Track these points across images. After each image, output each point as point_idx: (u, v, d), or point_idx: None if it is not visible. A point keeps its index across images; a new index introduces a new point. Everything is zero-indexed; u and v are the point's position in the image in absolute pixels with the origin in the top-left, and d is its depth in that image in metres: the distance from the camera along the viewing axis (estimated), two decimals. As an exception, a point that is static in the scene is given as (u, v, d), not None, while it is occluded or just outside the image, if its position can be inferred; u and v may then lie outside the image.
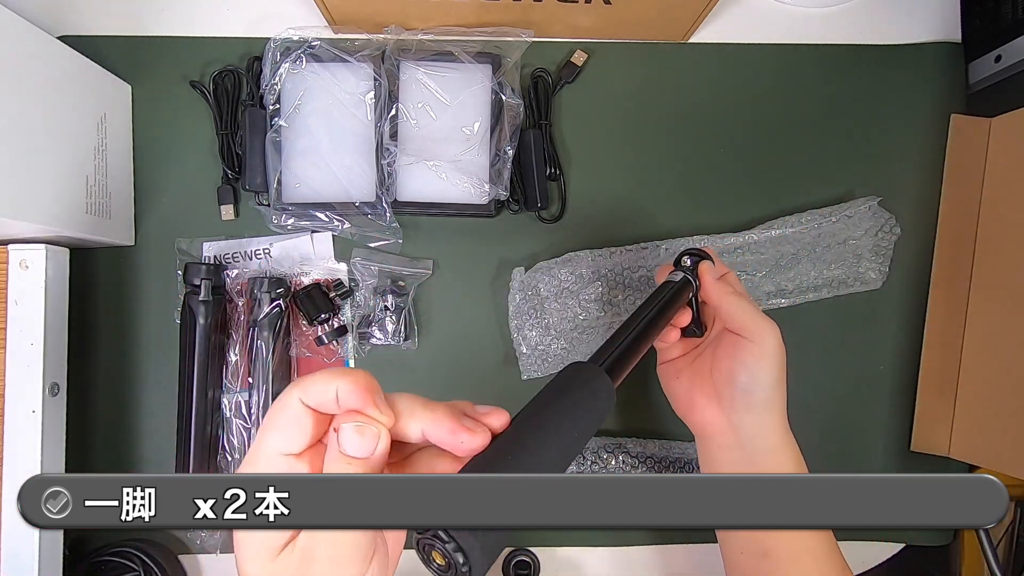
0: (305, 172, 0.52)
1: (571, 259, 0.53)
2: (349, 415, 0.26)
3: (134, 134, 0.54)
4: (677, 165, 0.56)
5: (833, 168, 0.56)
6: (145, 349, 0.53)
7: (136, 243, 0.54)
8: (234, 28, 0.55)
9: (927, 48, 0.56)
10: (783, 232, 0.53)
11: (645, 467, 0.52)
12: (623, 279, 0.53)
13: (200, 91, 0.54)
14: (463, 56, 0.52)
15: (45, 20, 0.53)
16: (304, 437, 0.26)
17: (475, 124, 0.52)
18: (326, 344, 0.52)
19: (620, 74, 0.56)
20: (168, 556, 0.52)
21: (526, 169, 0.54)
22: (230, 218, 0.54)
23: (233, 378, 0.52)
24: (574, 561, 0.55)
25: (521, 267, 0.53)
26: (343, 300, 0.53)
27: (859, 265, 0.54)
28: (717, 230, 0.55)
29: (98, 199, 0.49)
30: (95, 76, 0.50)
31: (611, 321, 0.53)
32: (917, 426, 0.55)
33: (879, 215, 0.54)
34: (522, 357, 0.53)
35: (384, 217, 0.52)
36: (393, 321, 0.52)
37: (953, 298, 0.54)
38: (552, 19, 0.53)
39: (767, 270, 0.54)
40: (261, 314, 0.50)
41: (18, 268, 0.45)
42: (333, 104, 0.52)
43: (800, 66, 0.57)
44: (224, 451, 0.52)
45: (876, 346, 0.55)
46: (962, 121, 0.55)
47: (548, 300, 0.53)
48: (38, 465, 0.44)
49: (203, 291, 0.50)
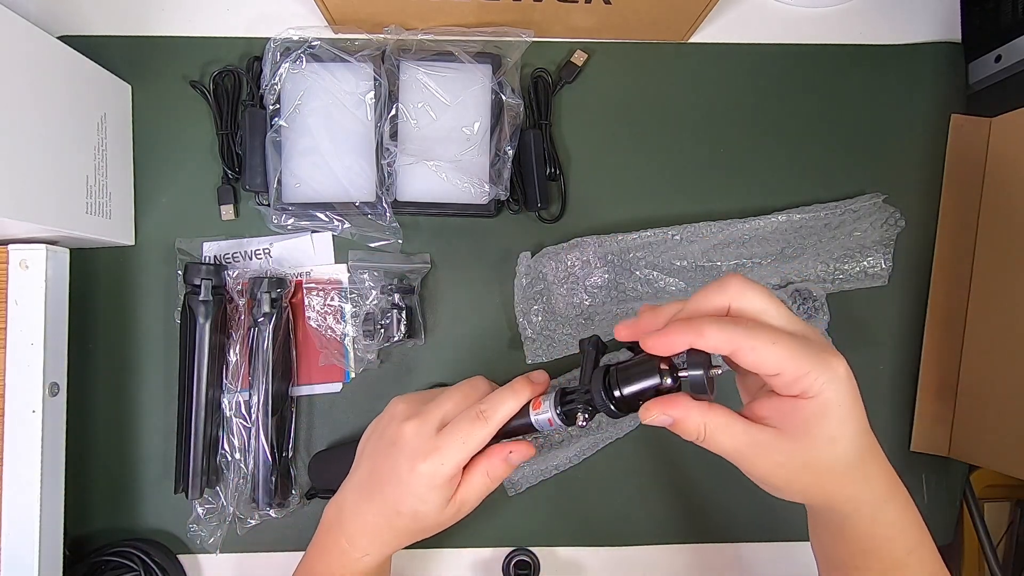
0: (305, 172, 0.52)
1: (578, 244, 0.53)
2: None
3: (134, 134, 0.54)
4: (677, 165, 0.56)
5: (833, 168, 0.56)
6: (145, 349, 0.53)
7: (136, 243, 0.54)
8: (234, 28, 0.55)
9: (927, 48, 0.56)
10: (789, 219, 0.54)
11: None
12: (630, 265, 0.53)
13: (200, 91, 0.54)
14: (463, 56, 0.52)
15: (45, 20, 0.53)
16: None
17: (475, 124, 0.52)
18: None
19: (620, 74, 0.56)
20: (168, 556, 0.52)
21: (526, 169, 0.54)
22: (230, 218, 0.54)
23: (233, 378, 0.52)
24: (574, 561, 0.55)
25: (527, 251, 0.53)
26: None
27: (864, 259, 0.54)
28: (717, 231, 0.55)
29: (98, 199, 0.49)
30: (95, 76, 0.50)
31: (616, 309, 0.53)
32: (917, 426, 0.55)
33: (883, 209, 0.54)
34: (527, 341, 0.53)
35: (384, 217, 0.52)
36: (400, 319, 0.52)
37: (953, 298, 0.54)
38: (552, 19, 0.53)
39: (772, 259, 0.54)
40: (261, 314, 0.50)
41: (18, 268, 0.45)
42: (333, 104, 0.52)
43: (800, 66, 0.57)
44: (224, 451, 0.52)
45: (876, 346, 0.55)
46: (962, 121, 0.55)
47: (554, 285, 0.53)
48: (38, 465, 0.44)
49: (203, 291, 0.50)
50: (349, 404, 0.54)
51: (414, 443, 0.41)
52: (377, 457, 0.43)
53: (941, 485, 0.55)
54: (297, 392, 0.54)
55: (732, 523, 0.55)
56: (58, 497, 0.46)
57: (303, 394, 0.54)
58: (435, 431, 0.41)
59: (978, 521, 0.55)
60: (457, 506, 0.42)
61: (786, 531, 0.55)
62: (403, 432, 0.41)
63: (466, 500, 0.42)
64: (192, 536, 0.52)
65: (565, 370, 0.54)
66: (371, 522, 0.42)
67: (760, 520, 0.55)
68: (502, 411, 0.40)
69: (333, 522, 0.44)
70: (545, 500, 0.54)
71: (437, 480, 0.40)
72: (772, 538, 0.55)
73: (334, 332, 0.53)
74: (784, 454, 0.33)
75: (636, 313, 0.54)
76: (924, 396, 0.54)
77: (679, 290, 0.53)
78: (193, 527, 0.52)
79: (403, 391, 0.54)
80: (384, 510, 0.42)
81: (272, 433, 0.50)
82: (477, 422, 0.40)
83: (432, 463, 0.40)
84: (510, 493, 0.53)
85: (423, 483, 0.40)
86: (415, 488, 0.40)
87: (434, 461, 0.40)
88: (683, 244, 0.54)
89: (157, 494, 0.53)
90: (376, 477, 0.42)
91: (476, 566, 0.54)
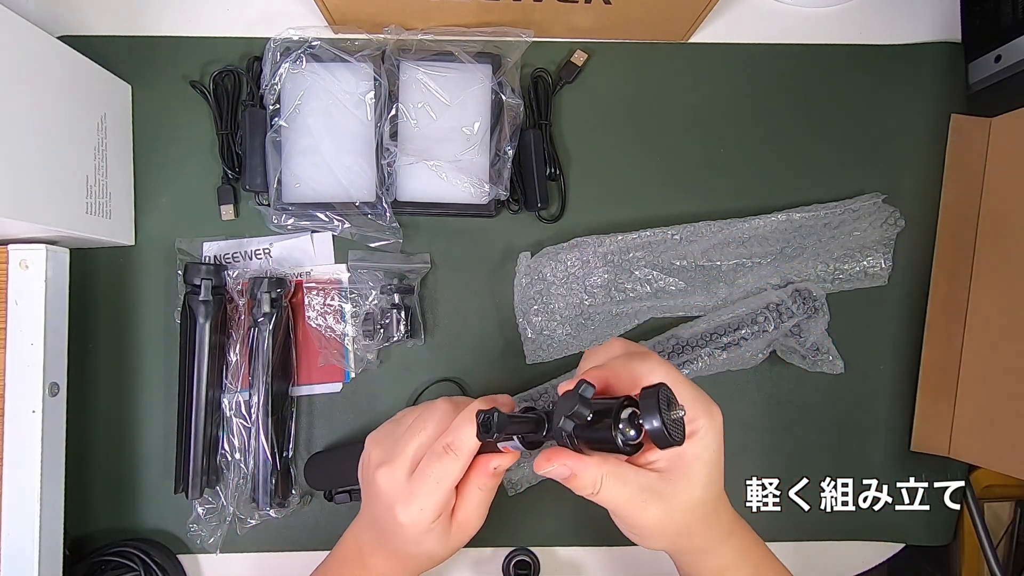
0: (305, 172, 0.52)
1: (577, 244, 0.53)
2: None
3: (134, 134, 0.54)
4: (677, 165, 0.56)
5: (833, 168, 0.56)
6: (145, 349, 0.53)
7: (136, 243, 0.54)
8: (234, 28, 0.55)
9: (927, 48, 0.56)
10: (789, 219, 0.54)
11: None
12: (629, 265, 0.53)
13: (200, 91, 0.54)
14: (463, 56, 0.52)
15: (45, 20, 0.53)
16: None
17: (475, 124, 0.52)
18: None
19: (620, 74, 0.56)
20: (168, 556, 0.52)
21: (526, 169, 0.54)
22: (230, 218, 0.54)
23: (233, 378, 0.52)
24: (574, 561, 0.55)
25: (527, 252, 0.53)
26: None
27: (864, 259, 0.54)
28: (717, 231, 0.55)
29: (98, 199, 0.49)
30: (95, 76, 0.50)
31: (615, 309, 0.53)
32: (917, 426, 0.55)
33: (883, 209, 0.54)
34: (527, 342, 0.53)
35: (384, 217, 0.52)
36: (400, 319, 0.52)
37: (953, 298, 0.54)
38: (552, 19, 0.53)
39: (772, 258, 0.54)
40: (261, 314, 0.50)
41: (18, 268, 0.45)
42: (333, 104, 0.52)
43: (800, 66, 0.57)
44: (224, 451, 0.52)
45: (876, 346, 0.55)
46: (962, 121, 0.55)
47: (554, 285, 0.53)
48: (38, 465, 0.44)
49: (203, 291, 0.50)
50: (349, 404, 0.54)
51: (389, 493, 0.39)
52: (370, 504, 0.42)
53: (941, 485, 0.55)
54: (297, 392, 0.54)
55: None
56: (58, 497, 0.46)
57: (303, 394, 0.54)
58: (407, 475, 0.39)
59: (978, 521, 0.55)
60: (461, 527, 0.40)
61: (786, 531, 0.55)
62: (377, 482, 0.39)
63: (468, 519, 0.40)
64: (192, 536, 0.52)
65: (564, 370, 0.54)
66: (389, 565, 0.42)
67: (759, 519, 0.55)
68: (468, 442, 0.38)
69: (353, 557, 0.43)
70: (545, 500, 0.54)
71: (422, 524, 0.38)
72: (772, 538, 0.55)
73: (334, 332, 0.53)
74: (665, 498, 0.35)
75: (636, 313, 0.54)
76: (924, 396, 0.54)
77: (679, 290, 0.53)
78: (193, 527, 0.52)
79: (403, 391, 0.54)
80: (395, 554, 0.41)
81: (272, 433, 0.50)
82: (445, 458, 0.38)
83: (411, 511, 0.38)
84: (510, 493, 0.53)
85: (411, 531, 0.39)
86: (407, 535, 0.39)
87: (412, 508, 0.38)
88: (683, 244, 0.54)
89: (157, 494, 0.53)
90: (377, 524, 0.41)
91: (476, 566, 0.54)
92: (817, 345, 0.53)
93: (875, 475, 0.55)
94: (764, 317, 0.52)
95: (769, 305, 0.53)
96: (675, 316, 0.55)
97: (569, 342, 0.53)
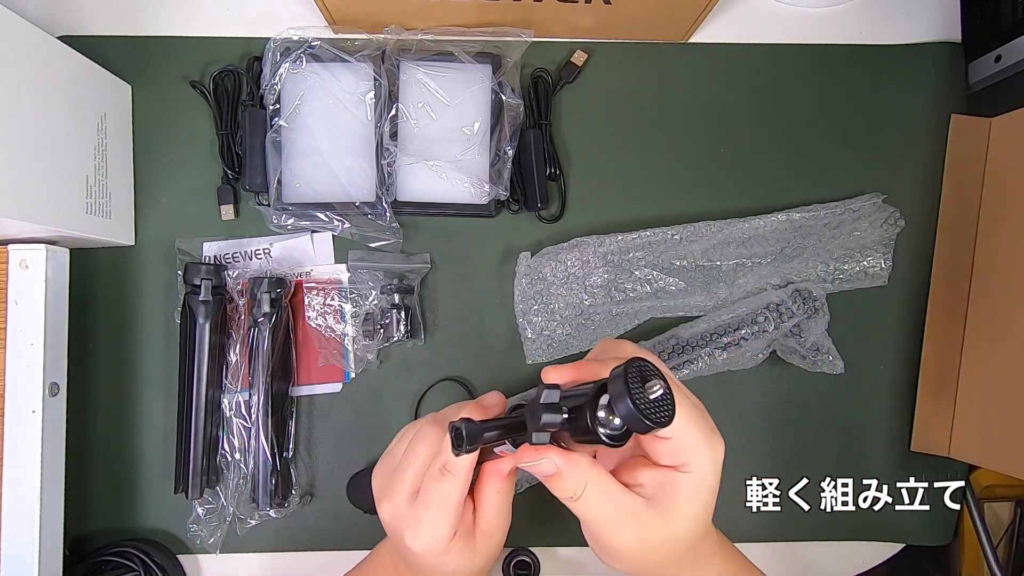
0: (305, 172, 0.52)
1: (577, 244, 0.53)
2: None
3: (134, 134, 0.54)
4: (677, 165, 0.56)
5: (833, 168, 0.56)
6: (145, 349, 0.53)
7: (136, 243, 0.54)
8: (234, 28, 0.55)
9: (927, 48, 0.56)
10: (789, 219, 0.54)
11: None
12: (629, 265, 0.53)
13: (200, 91, 0.54)
14: (463, 56, 0.52)
15: (45, 20, 0.53)
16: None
17: (475, 124, 0.52)
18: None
19: (620, 74, 0.56)
20: (168, 556, 0.52)
21: (526, 169, 0.54)
22: (230, 218, 0.54)
23: (233, 378, 0.52)
24: (574, 561, 0.55)
25: (527, 252, 0.53)
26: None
27: (864, 259, 0.54)
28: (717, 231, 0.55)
29: (98, 199, 0.49)
30: (95, 76, 0.50)
31: (615, 309, 0.53)
32: (917, 426, 0.55)
33: (883, 209, 0.54)
34: (527, 342, 0.53)
35: (384, 217, 0.52)
36: (400, 319, 0.52)
37: (953, 298, 0.54)
38: (552, 19, 0.53)
39: (772, 258, 0.54)
40: (261, 314, 0.50)
41: (18, 268, 0.45)
42: (333, 104, 0.52)
43: (800, 66, 0.57)
44: (224, 451, 0.52)
45: (876, 346, 0.55)
46: (962, 121, 0.55)
47: (554, 285, 0.53)
48: (38, 465, 0.44)
49: (203, 291, 0.50)
50: (349, 404, 0.54)
51: (396, 525, 0.38)
52: (389, 536, 0.41)
53: (941, 485, 0.55)
54: (297, 392, 0.54)
55: (732, 523, 0.55)
56: (58, 497, 0.46)
57: (303, 394, 0.54)
58: (408, 504, 0.37)
59: (978, 521, 0.55)
60: (487, 535, 0.39)
61: (786, 531, 0.55)
62: (384, 516, 0.39)
63: (491, 525, 0.38)
64: (192, 536, 0.52)
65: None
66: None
67: (759, 519, 0.55)
68: (461, 459, 0.36)
69: (389, 573, 0.43)
70: (545, 500, 0.54)
71: (437, 548, 0.37)
72: (772, 538, 0.55)
73: (334, 332, 0.53)
74: (645, 527, 0.33)
75: (636, 313, 0.54)
76: (924, 396, 0.54)
77: (679, 290, 0.53)
78: (193, 527, 0.52)
79: (403, 391, 0.54)
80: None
81: (272, 433, 0.50)
82: (443, 480, 0.36)
83: (422, 539, 0.36)
84: (510, 493, 0.53)
85: (428, 557, 0.37)
86: (427, 562, 0.38)
87: (422, 536, 0.36)
88: (683, 244, 0.54)
89: (157, 494, 0.53)
90: (399, 553, 0.40)
91: (476, 566, 0.54)
92: (817, 345, 0.53)
93: (875, 475, 0.55)
94: (764, 317, 0.52)
95: (769, 305, 0.53)
96: (675, 316, 0.55)
97: (569, 342, 0.53)
